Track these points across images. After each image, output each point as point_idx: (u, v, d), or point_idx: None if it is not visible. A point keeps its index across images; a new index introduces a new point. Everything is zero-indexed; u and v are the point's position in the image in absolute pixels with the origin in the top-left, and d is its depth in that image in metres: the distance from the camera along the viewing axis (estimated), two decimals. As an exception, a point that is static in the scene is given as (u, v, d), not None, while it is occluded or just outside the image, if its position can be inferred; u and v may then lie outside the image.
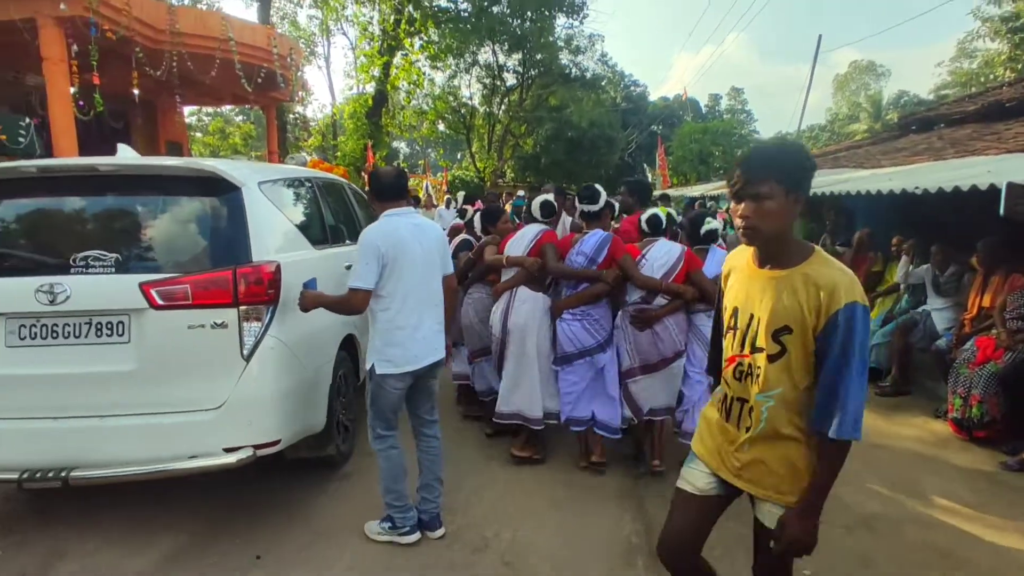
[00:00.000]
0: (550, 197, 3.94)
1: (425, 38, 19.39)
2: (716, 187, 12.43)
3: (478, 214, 4.52)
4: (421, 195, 15.12)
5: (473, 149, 26.17)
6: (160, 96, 10.83)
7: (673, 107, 34.57)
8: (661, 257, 3.50)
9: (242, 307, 2.69)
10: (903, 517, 3.28)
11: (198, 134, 28.25)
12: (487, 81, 24.13)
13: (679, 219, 4.39)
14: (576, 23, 22.38)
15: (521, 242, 3.73)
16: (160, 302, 2.62)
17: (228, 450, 2.66)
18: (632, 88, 35.52)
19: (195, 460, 2.64)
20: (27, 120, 6.27)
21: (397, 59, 19.24)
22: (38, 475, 2.57)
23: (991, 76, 23.46)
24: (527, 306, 3.64)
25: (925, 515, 3.31)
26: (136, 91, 8.65)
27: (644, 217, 3.75)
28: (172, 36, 8.16)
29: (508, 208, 7.65)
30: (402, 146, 41.01)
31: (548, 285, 3.82)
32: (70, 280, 2.64)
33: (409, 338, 2.74)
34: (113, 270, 2.69)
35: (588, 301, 3.52)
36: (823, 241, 6.47)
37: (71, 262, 2.68)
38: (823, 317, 1.51)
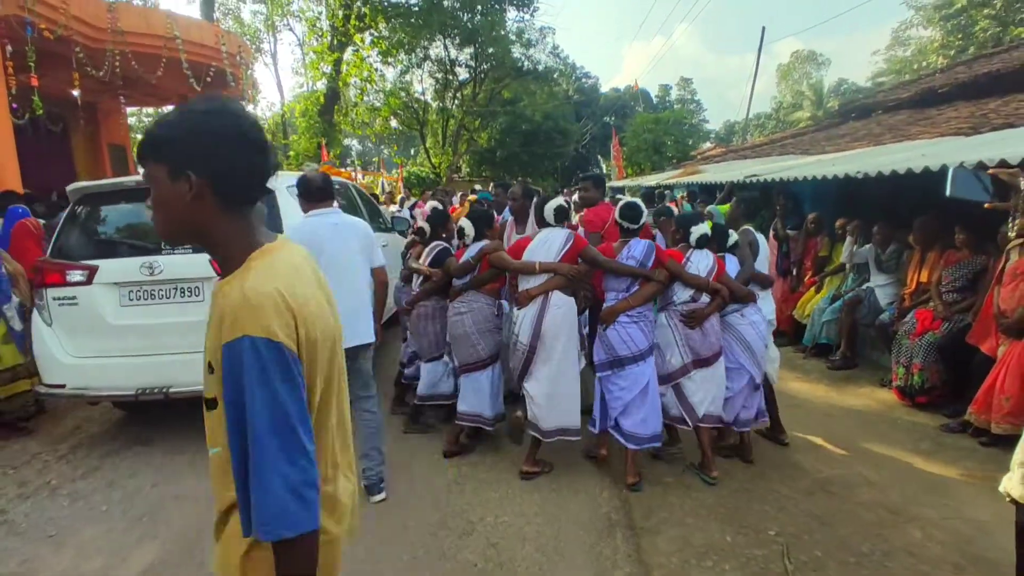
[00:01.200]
0: (563, 201, 3.70)
1: (375, 33, 19.14)
2: (669, 176, 12.75)
3: (431, 216, 4.49)
4: (378, 192, 14.97)
5: (427, 145, 26.01)
6: (102, 97, 10.43)
7: (625, 98, 35.09)
8: (701, 261, 3.59)
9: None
10: (856, 480, 3.53)
11: (139, 135, 27.18)
12: (439, 76, 24.02)
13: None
14: (527, 16, 22.53)
15: (548, 248, 3.54)
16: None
17: None
18: (584, 80, 35.93)
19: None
20: (-40, 125, 5.99)
21: (348, 55, 18.94)
22: (147, 391, 3.84)
23: (924, 63, 24.68)
24: (562, 311, 3.48)
25: (876, 477, 3.56)
26: (76, 92, 8.33)
27: (695, 236, 3.63)
28: (114, 35, 7.89)
29: (466, 205, 7.52)
30: (355, 143, 40.38)
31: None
32: (162, 259, 3.88)
33: None
34: (191, 250, 3.72)
35: (646, 302, 3.48)
36: (774, 225, 6.75)
37: (161, 246, 3.91)
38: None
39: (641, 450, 3.49)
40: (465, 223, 3.92)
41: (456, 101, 25.02)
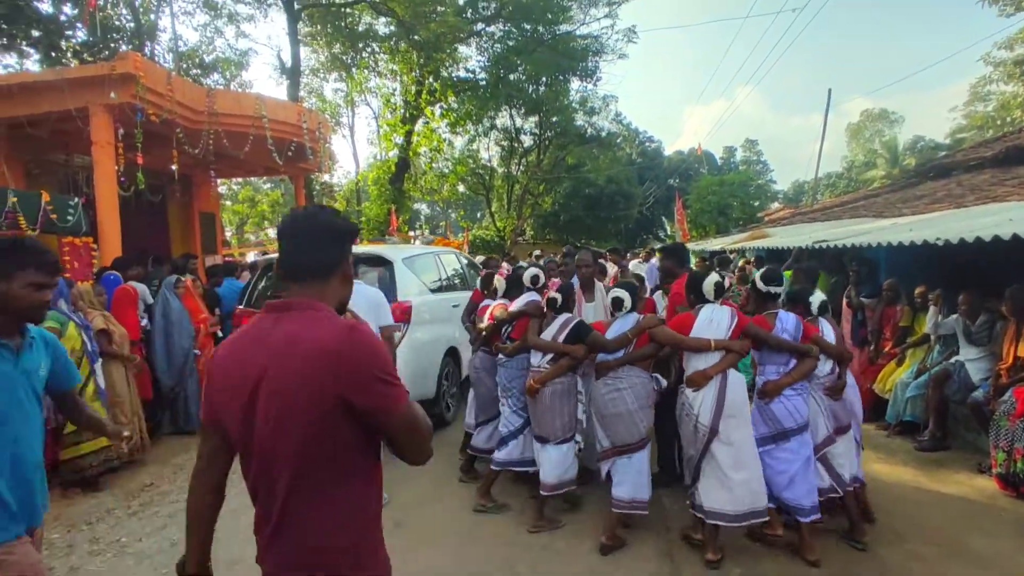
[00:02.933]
0: (719, 277, 3.62)
1: (445, 106, 20.22)
2: (735, 240, 12.48)
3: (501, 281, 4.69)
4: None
5: (493, 209, 26.75)
6: (196, 170, 11.41)
7: (688, 160, 35.15)
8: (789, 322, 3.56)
9: (396, 323, 4.33)
10: (953, 582, 3.14)
11: (228, 202, 29.38)
12: (505, 143, 24.90)
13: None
14: (590, 86, 23.19)
15: (718, 326, 3.44)
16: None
17: None
18: (647, 144, 36.33)
19: None
20: (75, 200, 6.64)
21: (418, 126, 20.03)
22: None
23: (1008, 119, 23.53)
24: (741, 387, 3.40)
25: (977, 579, 3.16)
26: (175, 167, 9.16)
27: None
28: (210, 117, 8.67)
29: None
30: (424, 208, 42.07)
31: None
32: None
33: None
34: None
35: (805, 377, 3.51)
36: (848, 293, 6.43)
37: None
38: None
39: (809, 523, 3.35)
40: (622, 294, 3.76)
41: (521, 167, 25.78)
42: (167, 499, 4.49)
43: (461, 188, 26.49)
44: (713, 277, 3.57)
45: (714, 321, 3.44)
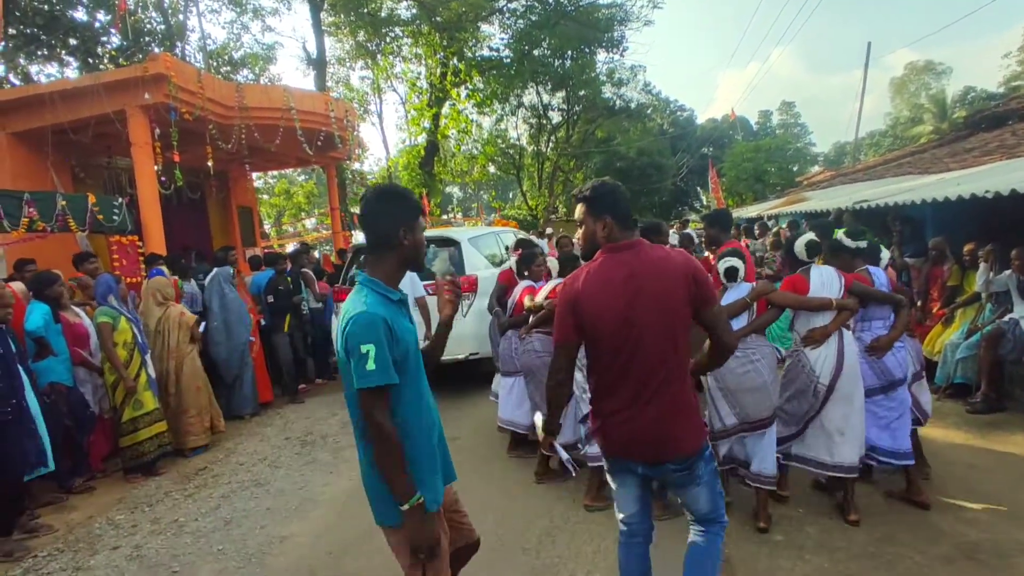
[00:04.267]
0: (811, 236, 3.63)
1: (471, 87, 20.11)
2: (772, 205, 12.12)
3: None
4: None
5: (524, 188, 26.63)
6: (231, 166, 11.69)
7: (722, 128, 34.19)
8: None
9: (464, 293, 4.90)
10: (1011, 547, 3.02)
11: (265, 196, 30.00)
12: (533, 121, 24.66)
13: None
14: (616, 57, 22.69)
15: (831, 285, 3.42)
16: (431, 292, 5.80)
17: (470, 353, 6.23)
18: (679, 113, 35.45)
19: (456, 356, 6.10)
20: (119, 200, 6.91)
21: (445, 109, 20.00)
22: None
23: (1067, 62, 22.06)
24: (855, 346, 3.48)
25: (1037, 542, 3.03)
26: (211, 163, 9.40)
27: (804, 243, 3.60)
28: (240, 111, 8.84)
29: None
30: (455, 191, 42.17)
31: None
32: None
33: None
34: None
35: (908, 326, 3.68)
36: (891, 254, 6.20)
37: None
38: None
39: (903, 466, 3.53)
40: (736, 262, 3.57)
41: (550, 144, 25.53)
42: (220, 481, 4.69)
43: (492, 169, 26.42)
44: (804, 237, 3.61)
45: (825, 282, 3.46)
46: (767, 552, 3.13)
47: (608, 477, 2.33)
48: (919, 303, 5.93)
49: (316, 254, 13.02)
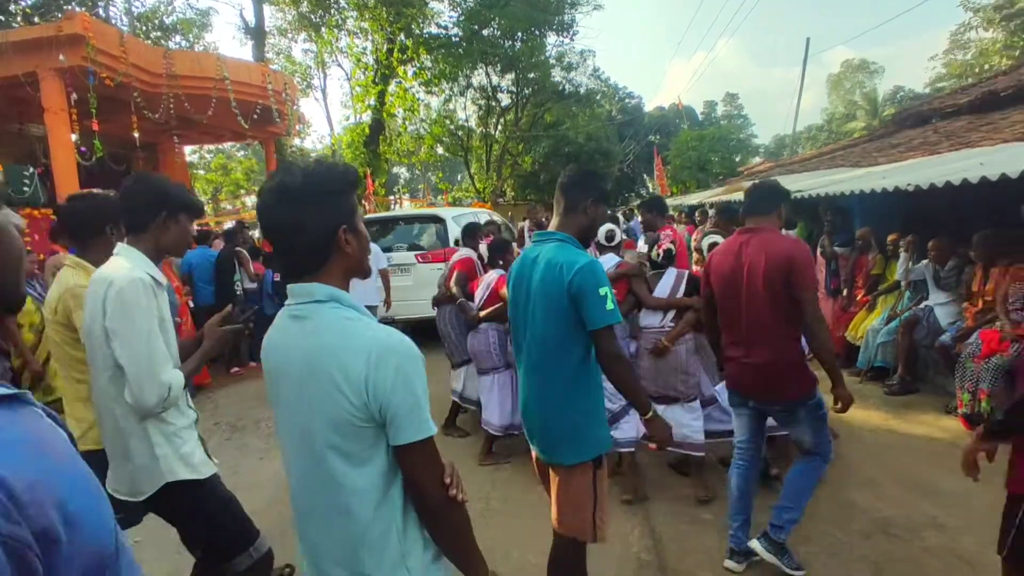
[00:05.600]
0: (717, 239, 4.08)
1: (418, 65, 19.64)
2: (714, 194, 12.43)
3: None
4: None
5: (472, 170, 26.34)
6: (161, 137, 11.02)
7: (669, 116, 34.74)
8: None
9: (449, 262, 5.13)
10: (922, 521, 3.21)
11: (201, 171, 28.63)
12: (482, 103, 24.34)
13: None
14: (566, 41, 22.61)
15: None
16: (420, 260, 7.61)
17: None
18: (627, 100, 35.78)
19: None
20: (31, 169, 6.41)
21: (392, 87, 19.47)
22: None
23: (987, 66, 23.44)
24: None
25: (945, 518, 3.22)
26: (136, 134, 8.83)
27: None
28: (168, 79, 8.32)
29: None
30: (402, 171, 41.37)
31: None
32: (393, 253, 7.48)
33: None
34: (405, 248, 7.87)
35: None
36: (821, 243, 6.44)
37: (393, 247, 7.73)
38: None
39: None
40: (720, 238, 3.98)
41: (499, 126, 25.30)
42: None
43: (439, 150, 26.01)
44: (709, 239, 4.03)
45: None
46: (696, 531, 3.21)
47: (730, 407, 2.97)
48: (845, 291, 6.20)
49: (256, 234, 12.50)
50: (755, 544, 2.77)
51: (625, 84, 56.98)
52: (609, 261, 3.90)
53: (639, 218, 10.64)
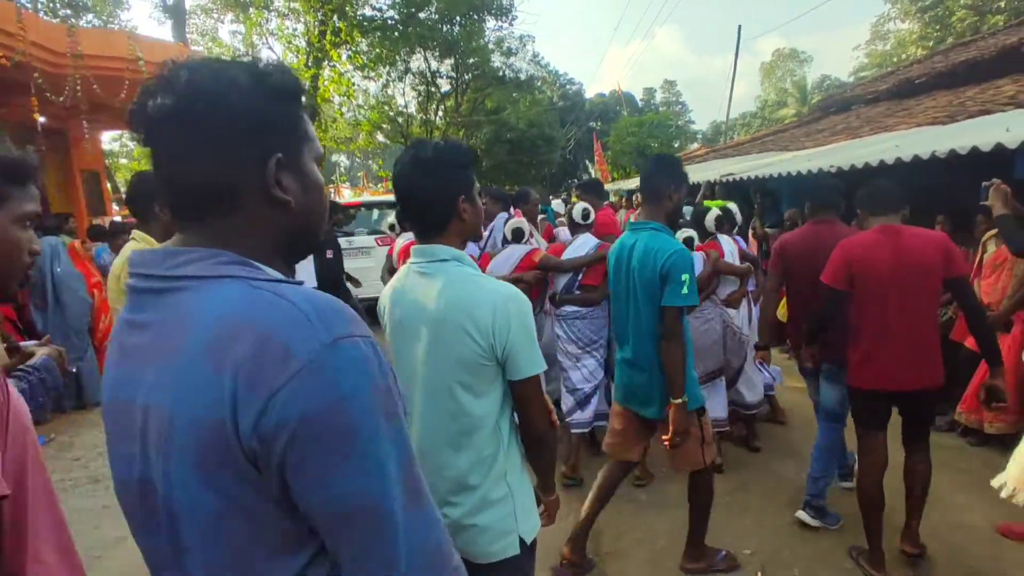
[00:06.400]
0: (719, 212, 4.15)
1: (353, 48, 19.03)
2: (653, 178, 12.62)
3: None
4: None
5: (413, 156, 25.92)
6: (71, 123, 10.24)
7: (609, 103, 35.14)
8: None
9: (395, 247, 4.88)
10: (835, 490, 3.33)
11: (123, 160, 27.00)
12: (421, 88, 23.91)
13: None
14: (505, 25, 22.40)
15: (734, 253, 4.09)
16: (379, 244, 8.02)
17: None
18: (568, 87, 35.96)
19: None
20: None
21: (326, 71, 18.81)
22: None
23: (904, 56, 24.73)
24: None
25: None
26: (41, 119, 8.14)
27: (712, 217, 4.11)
28: (74, 60, 7.71)
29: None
30: (342, 159, 40.27)
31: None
32: (355, 237, 8.40)
33: None
34: (366, 232, 8.61)
35: None
36: (753, 224, 6.61)
37: (354, 232, 8.62)
38: None
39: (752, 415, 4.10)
40: (692, 233, 4.01)
41: (439, 112, 24.94)
42: (52, 477, 4.12)
43: (380, 137, 25.42)
44: (713, 212, 4.08)
45: (730, 250, 4.00)
46: (632, 510, 3.24)
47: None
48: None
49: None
50: (801, 514, 3.02)
51: (565, 71, 57.40)
52: (587, 242, 3.80)
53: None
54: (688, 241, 3.82)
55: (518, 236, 3.95)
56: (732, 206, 4.35)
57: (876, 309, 2.56)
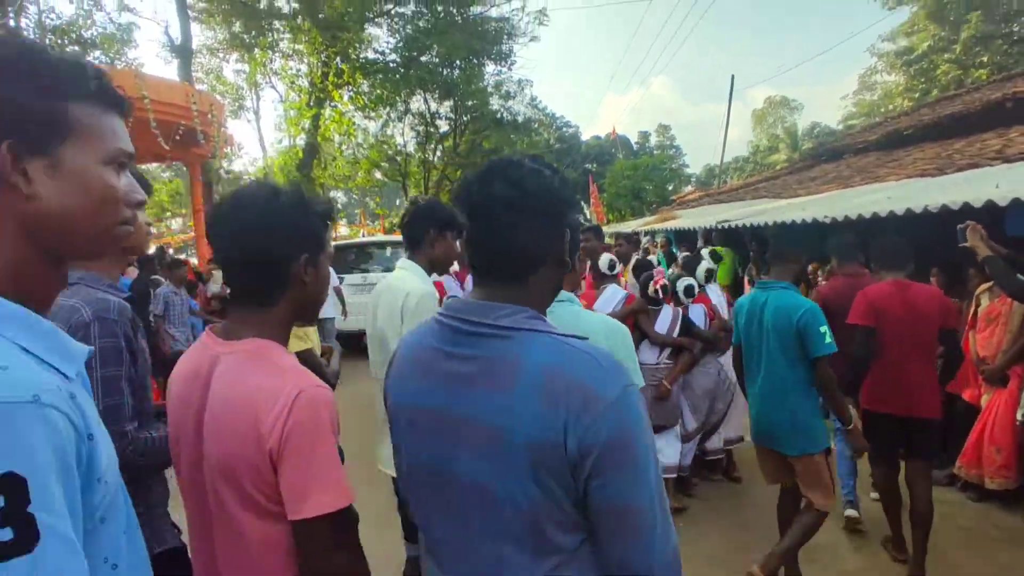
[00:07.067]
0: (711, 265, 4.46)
1: (354, 89, 19.42)
2: (647, 222, 12.76)
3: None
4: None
5: (409, 195, 26.14)
6: (72, 157, 10.33)
7: (605, 145, 35.79)
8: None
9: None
10: (839, 543, 3.27)
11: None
12: (420, 128, 24.30)
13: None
14: (504, 70, 22.96)
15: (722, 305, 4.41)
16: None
17: None
18: (565, 129, 36.66)
19: None
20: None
21: (327, 111, 19.15)
22: None
23: (891, 106, 25.44)
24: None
25: (860, 538, 3.34)
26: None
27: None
28: (80, 96, 7.82)
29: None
30: (339, 196, 40.60)
31: None
32: (370, 274, 9.06)
33: None
34: (380, 270, 8.99)
35: None
36: (748, 271, 6.65)
37: (370, 270, 9.39)
38: None
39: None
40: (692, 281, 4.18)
41: (437, 152, 25.29)
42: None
43: (378, 175, 25.70)
44: (704, 265, 4.28)
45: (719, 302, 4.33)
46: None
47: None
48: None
49: (193, 260, 11.82)
50: (851, 512, 3.50)
51: (562, 113, 58.45)
52: (616, 294, 3.84)
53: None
54: (688, 289, 3.87)
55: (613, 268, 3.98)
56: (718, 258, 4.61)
57: (887, 346, 2.94)
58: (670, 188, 26.06)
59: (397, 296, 2.33)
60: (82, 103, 0.75)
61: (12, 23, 14.58)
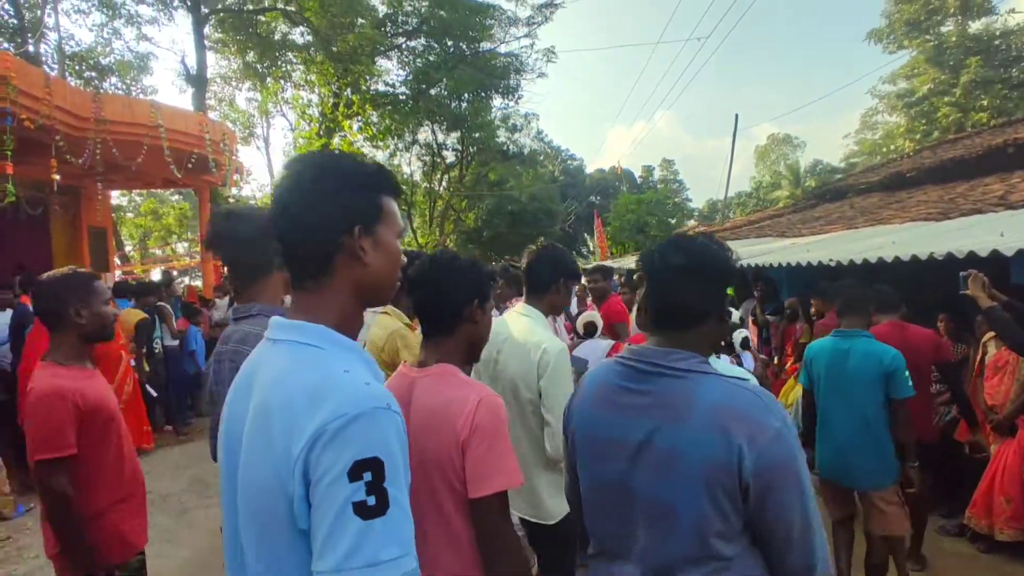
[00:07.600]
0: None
1: (364, 120, 19.77)
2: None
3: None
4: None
5: (415, 224, 26.35)
6: (84, 181, 10.45)
7: (609, 178, 36.15)
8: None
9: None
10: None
11: (129, 215, 27.39)
12: (427, 159, 24.64)
13: None
14: (511, 104, 23.37)
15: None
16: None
17: None
18: (569, 162, 37.12)
19: None
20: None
21: (336, 140, 19.45)
22: None
23: (892, 146, 25.74)
24: None
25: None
26: (56, 178, 8.33)
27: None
28: (97, 124, 7.97)
29: None
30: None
31: None
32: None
33: None
34: None
35: None
36: (752, 310, 6.66)
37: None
38: None
39: None
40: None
41: (443, 183, 25.58)
42: (26, 555, 3.95)
43: (383, 203, 25.89)
44: (741, 333, 4.39)
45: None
46: None
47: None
48: (776, 359, 6.38)
49: (180, 284, 11.91)
50: None
51: (567, 147, 59.27)
52: (598, 346, 4.00)
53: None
54: (744, 341, 4.25)
55: (591, 331, 4.06)
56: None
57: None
58: (673, 222, 26.19)
59: (529, 349, 2.29)
60: (387, 195, 1.08)
61: (31, 49, 14.94)
